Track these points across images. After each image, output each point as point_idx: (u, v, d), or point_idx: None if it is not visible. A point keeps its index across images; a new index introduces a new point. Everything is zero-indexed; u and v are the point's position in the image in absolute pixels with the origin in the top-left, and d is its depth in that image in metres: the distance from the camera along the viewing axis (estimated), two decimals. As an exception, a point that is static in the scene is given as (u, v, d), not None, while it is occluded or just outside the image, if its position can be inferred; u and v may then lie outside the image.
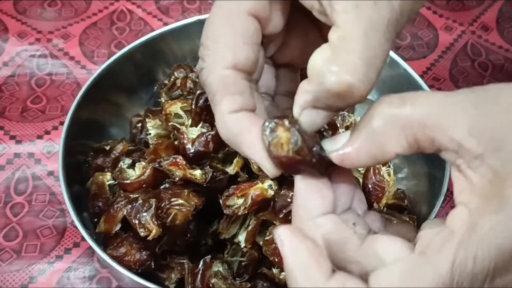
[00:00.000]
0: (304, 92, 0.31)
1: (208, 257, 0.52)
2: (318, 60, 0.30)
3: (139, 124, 0.61)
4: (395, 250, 0.29)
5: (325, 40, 0.35)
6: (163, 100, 0.63)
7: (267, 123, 0.32)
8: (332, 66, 0.29)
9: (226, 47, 0.33)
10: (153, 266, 0.52)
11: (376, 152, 0.30)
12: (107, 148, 0.58)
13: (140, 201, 0.50)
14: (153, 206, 0.49)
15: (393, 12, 0.30)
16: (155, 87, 0.67)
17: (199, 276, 0.52)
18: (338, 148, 0.31)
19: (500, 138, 0.27)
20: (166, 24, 0.81)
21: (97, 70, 0.61)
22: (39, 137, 0.68)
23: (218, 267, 0.52)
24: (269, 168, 0.33)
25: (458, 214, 0.28)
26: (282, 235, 0.30)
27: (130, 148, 0.58)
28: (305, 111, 0.31)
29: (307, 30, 0.37)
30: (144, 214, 0.49)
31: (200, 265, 0.52)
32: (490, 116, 0.27)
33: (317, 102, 0.31)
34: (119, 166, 0.55)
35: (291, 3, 0.35)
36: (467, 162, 0.28)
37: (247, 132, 0.33)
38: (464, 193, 0.28)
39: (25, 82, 0.74)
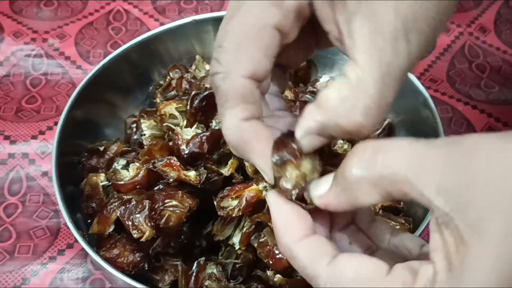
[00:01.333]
0: (313, 120, 0.32)
1: (202, 259, 0.52)
2: (335, 95, 0.31)
3: (134, 125, 0.60)
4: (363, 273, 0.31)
5: (317, 46, 0.37)
6: (158, 101, 0.63)
7: (276, 157, 0.34)
8: (348, 106, 0.30)
9: (248, 57, 0.33)
10: (146, 268, 0.51)
11: (353, 202, 0.30)
12: (101, 148, 0.57)
13: (134, 202, 0.49)
14: (147, 207, 0.49)
15: (409, 60, 0.31)
16: (151, 88, 0.66)
17: (193, 278, 0.51)
18: (321, 195, 0.32)
19: (468, 199, 0.26)
20: (162, 24, 0.80)
21: (92, 70, 0.61)
22: (34, 137, 0.68)
23: (212, 269, 0.52)
24: (272, 178, 0.34)
25: (425, 272, 0.28)
26: (270, 198, 0.33)
27: (124, 148, 0.58)
28: (308, 136, 0.33)
29: (306, 38, 0.37)
30: (138, 215, 0.49)
31: (194, 267, 0.51)
32: (460, 174, 0.27)
33: (322, 131, 0.32)
34: (113, 167, 0.55)
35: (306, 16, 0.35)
36: (441, 217, 0.27)
37: (257, 141, 0.34)
38: (436, 251, 0.28)
39: (20, 82, 0.74)
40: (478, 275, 0.26)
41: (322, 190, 0.32)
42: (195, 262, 0.52)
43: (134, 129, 0.60)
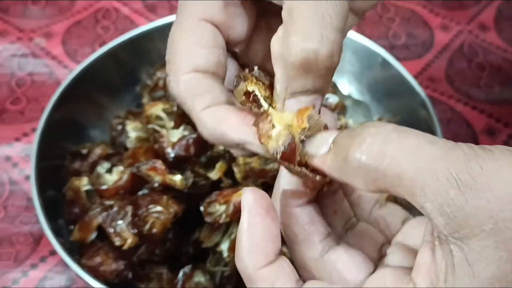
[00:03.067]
0: (277, 82, 0.30)
1: (188, 267, 0.50)
2: (274, 43, 0.29)
3: (120, 126, 0.58)
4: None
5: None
6: (145, 101, 0.61)
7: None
8: (286, 40, 0.28)
9: (184, 54, 0.32)
10: (130, 277, 0.49)
11: (346, 179, 0.28)
12: (85, 151, 0.55)
13: (116, 208, 0.47)
14: (129, 213, 0.47)
15: None
16: (138, 88, 0.64)
17: (179, 287, 0.49)
18: (318, 154, 0.29)
19: (473, 232, 0.24)
20: (153, 22, 0.78)
21: (77, 68, 0.59)
22: (17, 139, 0.66)
23: (199, 277, 0.50)
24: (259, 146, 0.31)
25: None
26: (246, 201, 0.28)
27: (108, 152, 0.55)
28: (286, 102, 0.30)
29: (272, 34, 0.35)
30: (120, 222, 0.47)
31: (180, 275, 0.49)
32: (472, 199, 0.24)
33: (291, 87, 0.29)
34: (97, 170, 0.53)
35: (257, 10, 0.34)
36: (438, 233, 0.25)
37: (226, 120, 0.31)
38: (421, 269, 0.26)
39: (5, 83, 0.72)
40: None
41: (320, 151, 0.29)
42: (181, 270, 0.49)
43: (120, 131, 0.58)
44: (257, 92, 0.31)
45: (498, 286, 0.24)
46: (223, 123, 0.31)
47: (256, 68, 0.31)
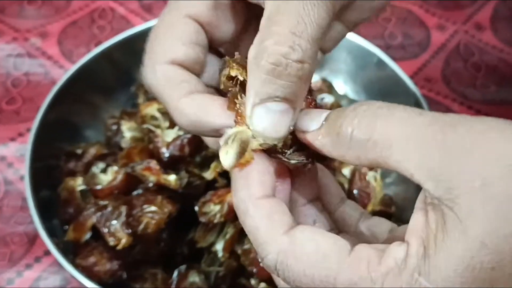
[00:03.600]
0: (247, 89, 0.29)
1: (183, 267, 0.50)
2: (251, 49, 0.29)
3: (115, 126, 0.58)
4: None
5: None
6: (140, 101, 0.61)
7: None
8: (260, 43, 0.28)
9: (164, 46, 0.32)
10: (125, 277, 0.49)
11: (337, 154, 0.28)
12: (79, 151, 0.55)
13: (110, 208, 0.47)
14: (124, 213, 0.47)
15: None
16: (133, 88, 0.64)
17: (174, 287, 0.49)
18: (309, 130, 0.29)
19: (461, 191, 0.24)
20: (149, 22, 0.78)
21: (72, 68, 0.58)
22: (12, 139, 0.65)
23: (194, 277, 0.49)
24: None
25: (395, 253, 0.26)
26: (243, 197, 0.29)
27: (103, 152, 0.55)
28: (255, 108, 0.29)
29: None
30: (114, 222, 0.46)
31: (174, 275, 0.49)
32: (458, 163, 0.25)
33: (261, 93, 0.29)
34: (91, 170, 0.53)
35: (247, 13, 0.35)
36: (430, 198, 0.26)
37: (209, 105, 0.31)
38: (414, 232, 0.26)
39: (1, 83, 0.71)
40: (445, 273, 0.24)
41: (311, 126, 0.29)
42: (176, 270, 0.49)
43: (115, 131, 0.58)
44: (239, 77, 0.30)
45: (489, 241, 0.24)
46: (205, 109, 0.31)
47: (237, 54, 0.31)
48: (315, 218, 0.33)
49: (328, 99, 0.63)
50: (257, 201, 0.28)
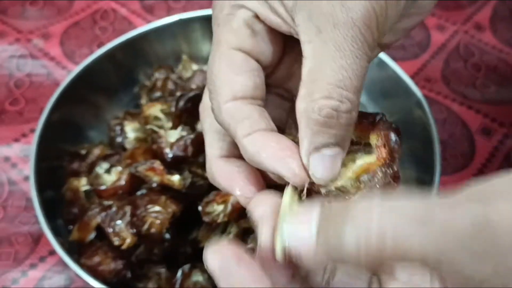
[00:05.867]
0: (301, 139, 0.31)
1: (187, 266, 0.50)
2: (298, 101, 0.31)
3: (118, 127, 0.58)
4: None
5: None
6: (143, 102, 0.61)
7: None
8: (309, 98, 0.30)
9: (222, 83, 0.34)
10: (129, 276, 0.50)
11: (336, 263, 0.26)
12: (83, 152, 0.55)
13: (114, 208, 0.47)
14: (128, 213, 0.47)
15: (354, 28, 0.30)
16: (136, 88, 0.65)
17: (178, 286, 0.49)
18: (298, 243, 0.26)
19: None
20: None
21: (75, 69, 0.59)
22: (16, 140, 0.66)
23: (197, 276, 0.50)
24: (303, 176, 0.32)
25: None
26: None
27: (107, 152, 0.56)
28: (311, 156, 0.31)
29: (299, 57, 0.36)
30: (119, 222, 0.47)
31: (178, 275, 0.50)
32: None
33: (314, 142, 0.31)
34: (95, 171, 0.53)
35: (283, 36, 0.35)
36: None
37: (263, 149, 0.32)
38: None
39: (4, 84, 0.72)
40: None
41: (303, 241, 0.25)
42: (180, 270, 0.50)
43: (118, 132, 0.58)
44: None
45: None
46: (260, 152, 0.32)
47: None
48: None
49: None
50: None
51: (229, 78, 0.34)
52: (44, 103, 0.69)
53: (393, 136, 0.33)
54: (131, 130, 0.56)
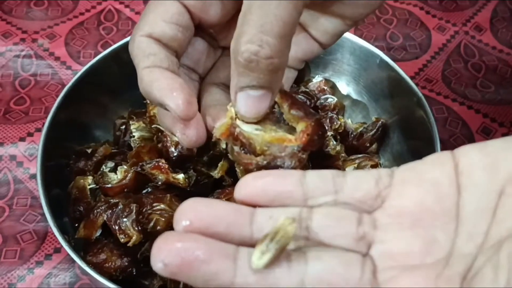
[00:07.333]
0: (231, 76, 0.34)
1: (191, 264, 0.51)
2: (232, 42, 0.33)
3: (123, 126, 0.59)
4: None
5: None
6: (148, 102, 0.62)
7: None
8: (235, 40, 0.32)
9: (146, 22, 0.37)
10: (134, 273, 0.50)
11: None
12: (89, 151, 0.56)
13: (121, 206, 0.48)
14: (134, 211, 0.48)
15: None
16: (141, 88, 0.65)
17: (182, 282, 0.50)
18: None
19: None
20: (154, 24, 0.79)
21: (81, 69, 0.60)
22: (21, 139, 0.67)
23: (202, 273, 0.51)
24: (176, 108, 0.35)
25: None
26: None
27: (113, 151, 0.57)
28: (237, 94, 0.34)
29: None
30: (125, 219, 0.48)
31: (183, 272, 0.50)
32: None
33: (240, 82, 0.33)
34: (101, 169, 0.54)
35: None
36: None
37: (156, 81, 0.35)
38: None
39: (9, 83, 0.73)
40: None
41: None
42: (185, 267, 0.50)
43: (123, 131, 0.59)
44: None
45: None
46: (153, 82, 0.35)
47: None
48: None
49: (331, 99, 0.64)
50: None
51: (155, 21, 0.36)
52: (49, 103, 0.70)
53: (319, 133, 0.35)
54: (136, 129, 0.57)
